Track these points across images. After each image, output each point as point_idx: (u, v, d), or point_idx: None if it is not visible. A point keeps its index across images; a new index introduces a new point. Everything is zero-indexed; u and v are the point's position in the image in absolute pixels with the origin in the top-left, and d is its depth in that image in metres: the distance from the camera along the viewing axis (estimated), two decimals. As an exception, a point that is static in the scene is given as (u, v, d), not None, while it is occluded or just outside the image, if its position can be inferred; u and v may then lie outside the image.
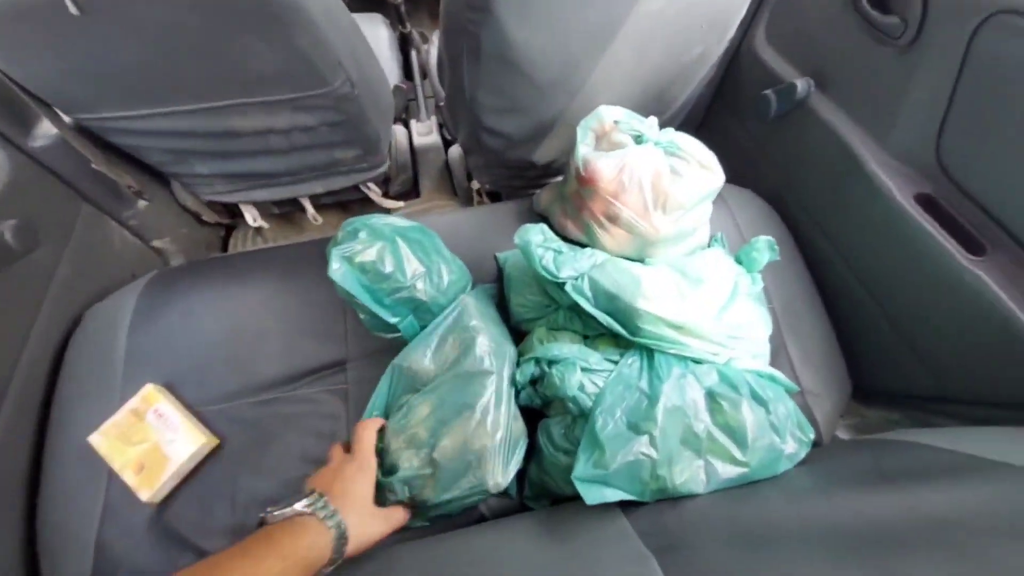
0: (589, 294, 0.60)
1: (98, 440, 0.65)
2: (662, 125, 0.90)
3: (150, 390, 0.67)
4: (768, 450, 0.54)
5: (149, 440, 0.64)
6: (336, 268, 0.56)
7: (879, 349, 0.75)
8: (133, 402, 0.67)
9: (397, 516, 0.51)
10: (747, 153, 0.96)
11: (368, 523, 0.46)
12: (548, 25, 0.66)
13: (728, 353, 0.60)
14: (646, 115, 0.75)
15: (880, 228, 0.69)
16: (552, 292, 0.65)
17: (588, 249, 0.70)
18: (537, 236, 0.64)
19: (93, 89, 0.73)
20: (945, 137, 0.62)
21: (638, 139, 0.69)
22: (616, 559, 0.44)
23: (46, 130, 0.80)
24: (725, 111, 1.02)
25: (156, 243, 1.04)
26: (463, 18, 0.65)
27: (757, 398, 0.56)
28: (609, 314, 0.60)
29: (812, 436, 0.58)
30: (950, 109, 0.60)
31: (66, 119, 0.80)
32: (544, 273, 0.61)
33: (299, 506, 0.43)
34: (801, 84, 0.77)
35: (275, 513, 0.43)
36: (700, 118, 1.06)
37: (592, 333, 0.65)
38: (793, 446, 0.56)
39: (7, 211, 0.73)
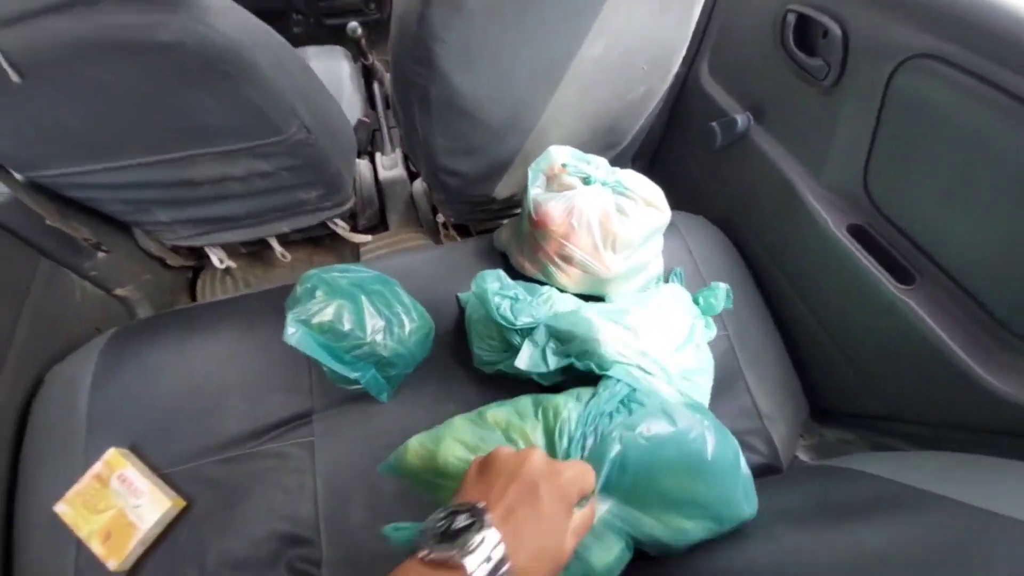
0: (546, 344, 0.62)
1: (64, 509, 0.64)
2: (616, 157, 0.93)
3: (113, 454, 0.67)
4: None
5: (114, 507, 0.63)
6: (292, 332, 0.57)
7: (830, 372, 0.79)
8: (96, 467, 0.66)
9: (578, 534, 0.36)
10: (699, 181, 0.99)
11: None
12: (493, 74, 0.68)
13: (675, 392, 0.63)
14: (599, 148, 0.78)
15: (819, 256, 0.72)
16: (510, 338, 0.67)
17: (544, 289, 0.72)
18: (493, 283, 0.66)
19: (41, 148, 0.73)
20: (871, 172, 0.66)
21: (586, 180, 0.71)
22: None
23: None
24: (677, 141, 1.05)
25: (119, 292, 1.03)
26: (410, 71, 0.67)
27: None
28: (570, 356, 0.62)
29: None
30: (874, 146, 0.64)
31: (18, 177, 0.79)
32: (502, 321, 0.63)
33: (470, 562, 0.28)
34: (741, 119, 0.80)
35: (435, 556, 0.29)
36: (655, 148, 1.09)
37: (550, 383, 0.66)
38: None
39: None
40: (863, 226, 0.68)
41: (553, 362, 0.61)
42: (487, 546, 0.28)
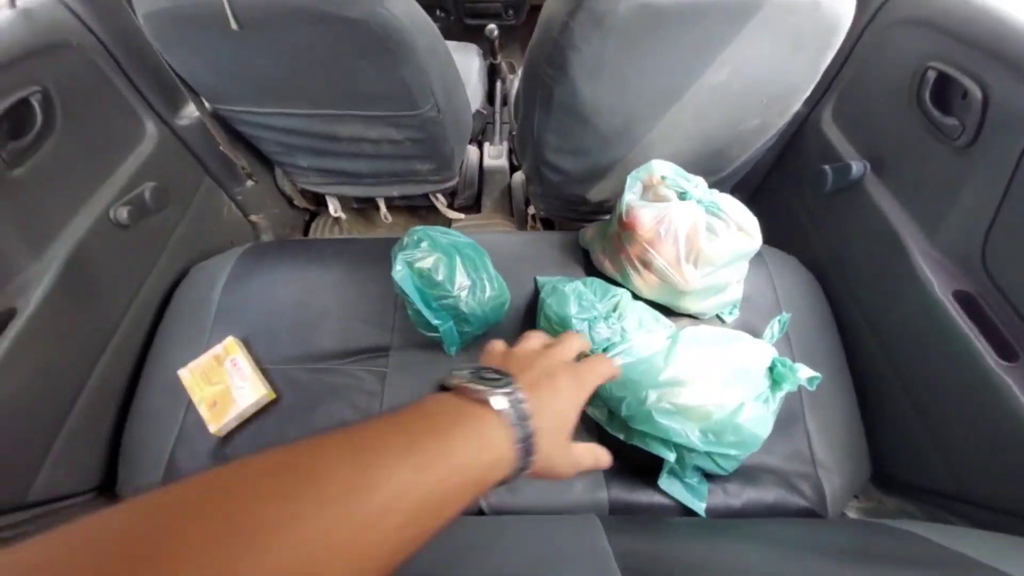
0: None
1: (185, 375, 0.78)
2: (718, 183, 0.95)
3: (231, 341, 0.81)
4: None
5: (224, 383, 0.77)
6: (399, 270, 0.66)
7: (903, 437, 0.74)
8: (216, 349, 0.80)
9: (589, 459, 0.37)
10: (799, 221, 0.98)
11: (557, 459, 0.33)
12: (616, 87, 0.74)
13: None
14: (702, 172, 0.80)
15: (916, 318, 0.69)
16: None
17: (616, 292, 0.76)
18: (574, 307, 0.71)
19: (234, 86, 0.90)
20: (992, 239, 0.62)
21: (682, 195, 0.74)
22: (586, 571, 0.49)
23: (190, 112, 0.98)
24: (784, 178, 1.04)
25: (253, 217, 1.21)
26: (542, 71, 0.74)
27: None
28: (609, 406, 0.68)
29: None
30: (999, 213, 0.61)
31: (207, 106, 0.97)
32: None
33: (497, 402, 0.29)
34: (857, 166, 0.79)
35: (466, 386, 0.30)
36: (759, 181, 1.08)
37: None
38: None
39: (150, 174, 0.91)
40: (972, 294, 0.64)
41: (591, 411, 0.69)
42: (514, 396, 0.30)
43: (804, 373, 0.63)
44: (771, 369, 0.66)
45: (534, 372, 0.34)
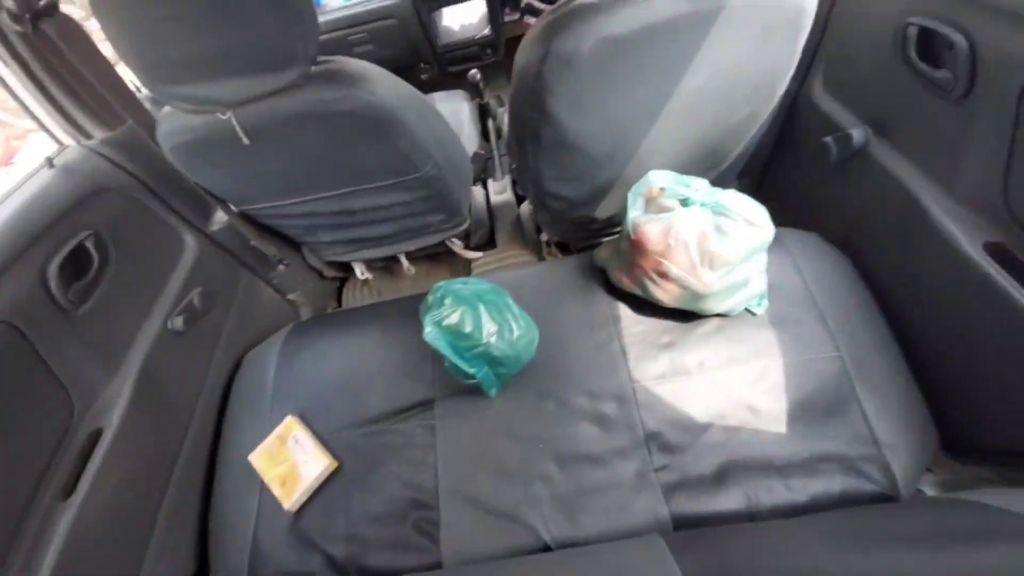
0: None
1: (255, 458, 0.85)
2: (719, 177, 0.95)
3: (290, 420, 0.87)
4: None
5: (289, 461, 0.82)
6: (429, 331, 0.70)
7: (965, 402, 0.70)
8: (278, 429, 0.86)
9: None
10: (813, 198, 0.96)
11: None
12: (599, 114, 0.76)
13: None
14: (700, 170, 0.80)
15: (951, 277, 0.67)
16: None
17: None
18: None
19: (254, 189, 0.98)
20: (1012, 184, 0.60)
21: (684, 202, 0.75)
22: None
23: (220, 218, 1.08)
24: (787, 157, 1.02)
25: (290, 296, 1.30)
26: (526, 116, 0.78)
27: None
28: None
29: None
30: (1012, 157, 0.59)
31: (234, 209, 1.07)
32: None
33: None
34: (857, 134, 0.78)
35: None
36: (762, 166, 1.07)
37: None
38: None
39: (195, 281, 1.00)
40: (1003, 243, 0.62)
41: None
42: None
43: None
44: None
45: None
